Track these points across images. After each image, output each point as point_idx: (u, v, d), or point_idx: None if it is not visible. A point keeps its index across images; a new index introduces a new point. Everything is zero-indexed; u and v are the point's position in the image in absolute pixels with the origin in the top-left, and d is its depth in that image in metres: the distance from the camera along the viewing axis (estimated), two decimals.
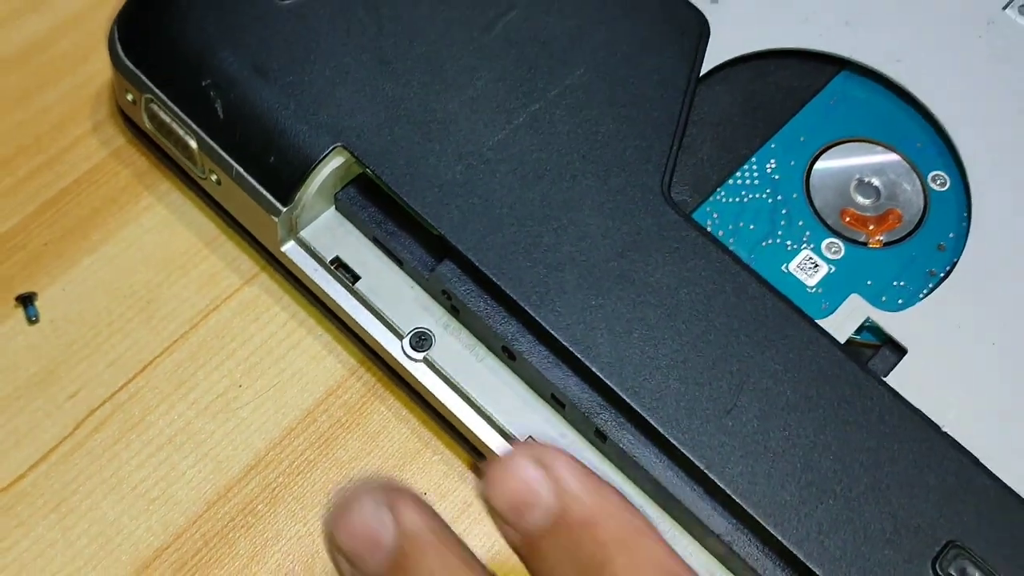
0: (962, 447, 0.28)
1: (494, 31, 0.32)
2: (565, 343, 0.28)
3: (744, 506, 0.27)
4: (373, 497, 0.22)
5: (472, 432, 0.30)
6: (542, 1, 0.33)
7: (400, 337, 0.31)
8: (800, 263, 0.31)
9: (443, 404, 0.30)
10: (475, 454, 0.31)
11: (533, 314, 0.29)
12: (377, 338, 0.31)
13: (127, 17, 0.33)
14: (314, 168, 0.30)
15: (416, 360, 0.30)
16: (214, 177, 0.32)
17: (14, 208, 0.34)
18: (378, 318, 0.31)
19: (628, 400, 0.28)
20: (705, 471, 0.27)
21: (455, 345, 0.31)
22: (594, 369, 0.28)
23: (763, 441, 0.27)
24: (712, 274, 0.29)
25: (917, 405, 0.28)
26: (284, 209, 0.30)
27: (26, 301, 0.33)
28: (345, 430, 0.32)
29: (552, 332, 0.28)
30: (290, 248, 0.32)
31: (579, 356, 0.28)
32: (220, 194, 0.33)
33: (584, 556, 0.21)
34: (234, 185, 0.31)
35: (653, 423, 0.28)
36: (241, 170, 0.31)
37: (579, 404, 0.29)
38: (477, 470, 0.31)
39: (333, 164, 0.30)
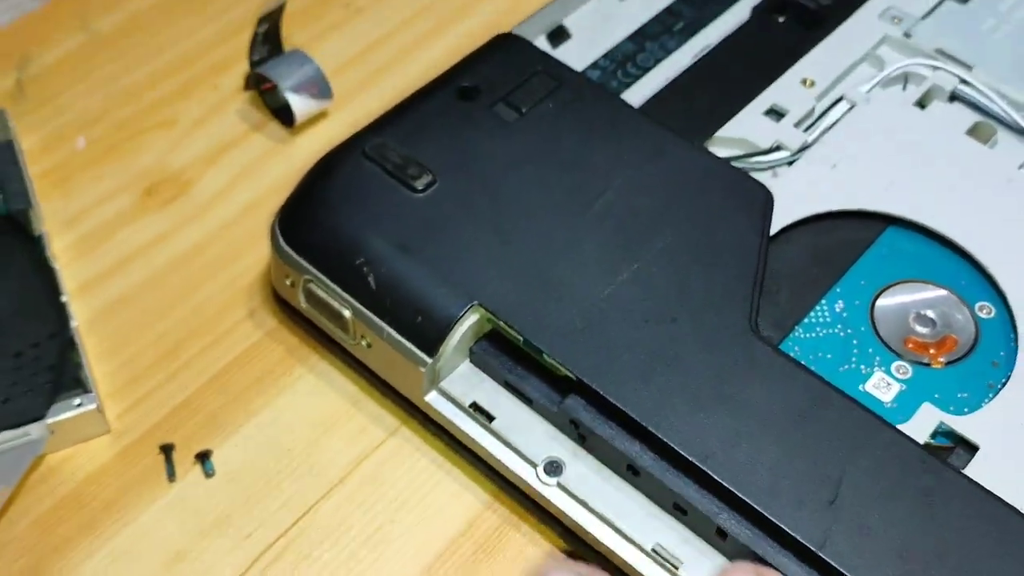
0: None
1: (593, 208, 0.38)
2: (684, 453, 0.33)
3: None
4: None
5: (604, 545, 0.34)
6: (631, 183, 0.39)
7: (534, 466, 0.35)
8: (875, 383, 0.36)
9: (576, 523, 0.35)
10: (606, 565, 0.35)
11: (654, 431, 0.33)
12: (514, 469, 0.36)
13: (287, 212, 0.39)
14: (455, 324, 0.36)
15: (550, 485, 0.35)
16: (365, 342, 0.37)
17: (188, 381, 0.40)
18: (514, 451, 0.36)
19: (744, 498, 0.32)
20: (817, 552, 0.31)
21: (583, 469, 0.35)
22: (712, 474, 0.33)
23: (865, 525, 0.32)
24: (802, 391, 0.34)
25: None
26: (429, 361, 0.36)
27: (203, 458, 0.38)
28: (486, 554, 0.36)
29: (672, 446, 0.33)
30: (433, 397, 0.37)
31: (697, 463, 0.33)
32: (370, 357, 0.38)
33: None
34: (385, 345, 0.37)
35: (767, 515, 0.32)
36: (392, 331, 0.36)
37: (701, 507, 0.33)
38: None
39: (470, 320, 0.36)
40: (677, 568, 0.33)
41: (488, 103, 0.41)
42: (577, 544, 0.36)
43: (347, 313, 0.37)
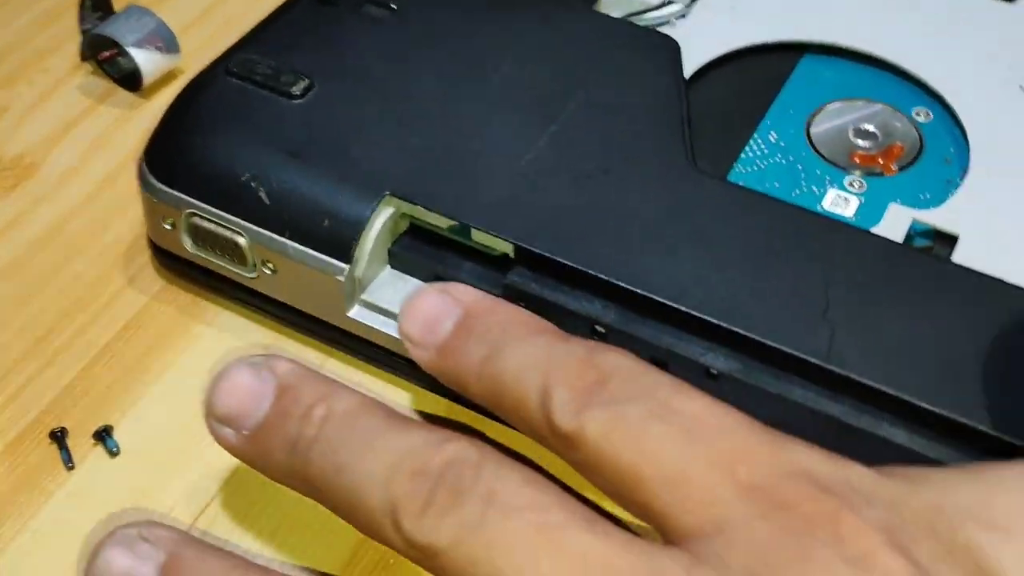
0: None
1: (493, 82, 0.35)
2: (655, 296, 0.29)
3: (873, 384, 0.27)
4: (247, 362, 0.26)
5: None
6: (528, 53, 0.36)
7: None
8: (832, 201, 0.33)
9: None
10: None
11: (616, 281, 0.30)
12: None
13: (153, 149, 0.34)
14: (368, 220, 0.32)
15: None
16: (268, 268, 0.33)
17: (69, 363, 0.34)
18: None
19: (732, 327, 0.28)
20: (824, 365, 0.28)
21: None
22: (691, 311, 0.29)
23: (864, 327, 0.28)
24: (763, 213, 0.31)
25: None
26: (346, 268, 0.31)
27: (103, 436, 0.32)
28: None
29: (639, 292, 0.29)
30: (357, 312, 0.32)
31: (672, 304, 0.29)
32: (277, 285, 0.33)
33: (490, 336, 0.25)
34: (292, 265, 0.32)
35: (762, 340, 0.28)
36: (298, 245, 0.32)
37: (683, 352, 0.29)
38: None
39: (384, 215, 0.32)
40: None
41: (353, 3, 0.37)
42: None
43: (242, 240, 0.33)
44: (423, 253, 0.33)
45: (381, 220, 0.32)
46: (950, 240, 0.32)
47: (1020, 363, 0.28)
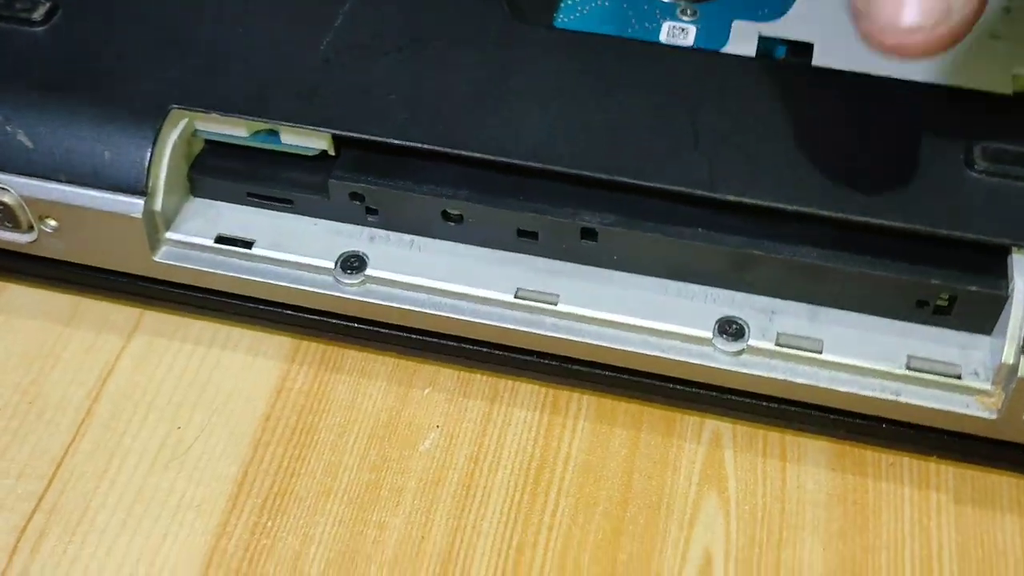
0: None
1: None
2: (513, 160, 0.26)
3: (771, 204, 0.25)
4: None
5: (457, 321, 0.26)
6: None
7: (329, 272, 0.27)
8: (668, 33, 0.30)
9: (410, 312, 0.27)
10: (473, 358, 0.28)
11: (463, 151, 0.26)
12: (305, 289, 0.27)
13: None
14: (156, 140, 0.27)
15: (355, 284, 0.27)
16: (49, 224, 0.27)
17: None
18: (295, 269, 0.27)
19: (603, 175, 0.25)
20: (710, 194, 0.25)
21: (389, 249, 0.27)
22: (555, 168, 0.25)
23: (739, 149, 0.26)
24: (604, 54, 0.28)
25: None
26: (142, 203, 0.26)
27: None
28: (314, 414, 0.27)
29: (494, 159, 0.26)
30: (165, 253, 0.28)
31: (533, 164, 0.25)
32: (64, 243, 0.28)
33: None
34: (77, 213, 0.27)
35: (640, 182, 0.25)
36: (79, 188, 0.27)
37: (554, 215, 0.26)
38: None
39: (173, 135, 0.27)
40: (555, 303, 0.26)
41: None
42: (425, 351, 0.28)
43: (9, 197, 0.27)
44: (228, 171, 0.28)
45: (172, 139, 0.27)
46: (806, 48, 0.29)
47: (909, 149, 0.26)
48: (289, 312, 0.28)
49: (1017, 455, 0.26)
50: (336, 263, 0.27)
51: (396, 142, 0.26)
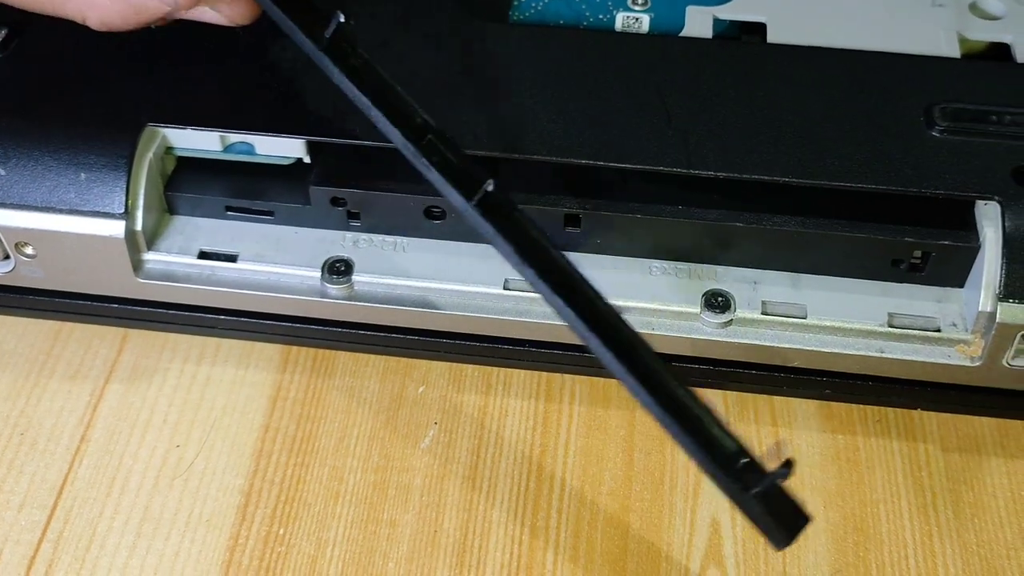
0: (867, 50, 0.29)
1: None
2: (491, 154, 0.26)
3: (752, 176, 0.25)
4: None
5: (447, 316, 0.27)
6: None
7: (316, 280, 0.27)
8: (623, 23, 0.31)
9: (398, 314, 0.27)
10: (465, 353, 0.28)
11: (443, 149, 0.26)
12: (293, 298, 0.27)
13: None
14: (133, 159, 0.27)
15: (342, 286, 0.27)
16: (28, 252, 0.27)
17: None
18: (282, 276, 0.27)
19: (584, 160, 0.26)
20: (687, 171, 0.26)
21: (374, 252, 0.27)
22: (537, 157, 0.26)
23: (710, 125, 0.26)
24: (567, 43, 0.29)
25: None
26: (124, 222, 0.26)
27: None
28: (312, 421, 0.28)
29: (473, 153, 0.26)
30: (148, 272, 0.27)
31: (517, 156, 0.26)
32: (41, 271, 0.28)
33: None
34: (55, 239, 0.27)
35: (620, 164, 0.26)
36: (56, 215, 0.26)
37: (538, 203, 0.26)
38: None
39: (148, 153, 0.27)
40: None
41: None
42: (415, 347, 0.28)
43: None
44: (205, 186, 0.28)
45: (148, 157, 0.27)
46: (759, 28, 0.30)
47: (871, 114, 0.27)
48: (277, 322, 0.28)
49: (997, 400, 0.27)
50: (322, 270, 0.27)
51: (372, 144, 0.26)
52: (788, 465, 0.20)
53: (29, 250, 0.27)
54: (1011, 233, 0.25)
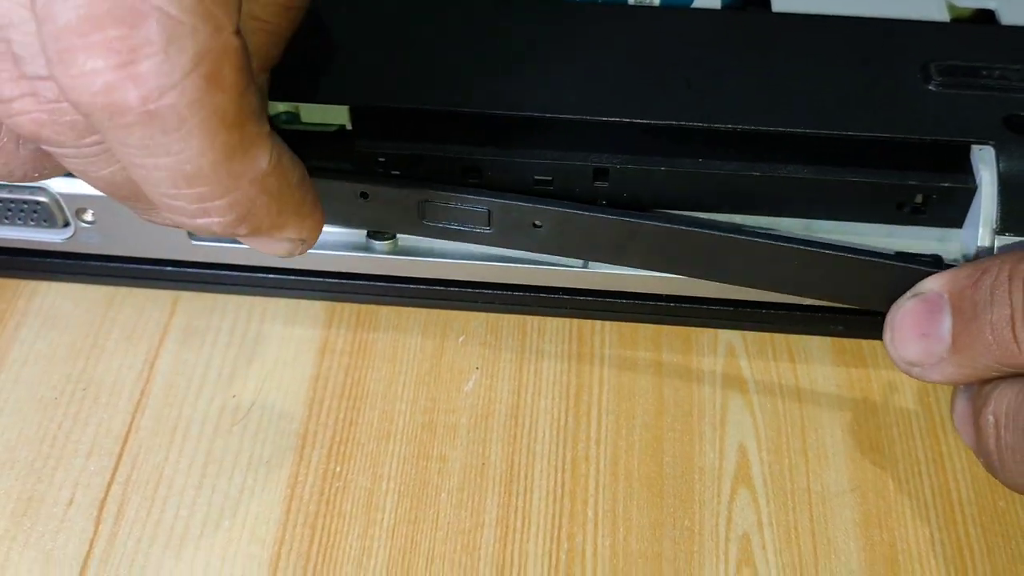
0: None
1: None
2: (533, 113, 0.28)
3: (764, 128, 0.28)
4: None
5: (493, 270, 0.29)
6: None
7: (361, 236, 0.29)
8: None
9: (440, 267, 0.29)
10: (503, 303, 0.30)
11: (482, 110, 0.28)
12: (339, 254, 0.29)
13: None
14: None
15: (386, 241, 0.29)
16: (87, 218, 0.29)
17: None
18: (328, 237, 0.29)
19: (613, 119, 0.28)
20: (705, 125, 0.28)
21: None
22: (570, 116, 0.28)
23: (726, 86, 0.29)
24: (583, 17, 0.31)
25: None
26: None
27: None
28: (359, 370, 0.29)
29: (510, 113, 0.28)
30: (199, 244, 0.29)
31: (550, 115, 0.28)
32: (99, 237, 0.29)
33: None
34: (116, 205, 0.28)
35: (648, 120, 0.28)
36: None
37: (569, 159, 0.28)
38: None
39: None
40: None
41: None
42: (453, 304, 0.30)
43: (46, 196, 0.29)
44: None
45: None
46: (764, 2, 0.32)
47: (873, 73, 0.29)
48: (323, 279, 0.30)
49: None
50: (364, 235, 0.29)
51: (415, 107, 0.28)
52: None
53: (88, 216, 0.29)
54: (1005, 174, 0.27)
